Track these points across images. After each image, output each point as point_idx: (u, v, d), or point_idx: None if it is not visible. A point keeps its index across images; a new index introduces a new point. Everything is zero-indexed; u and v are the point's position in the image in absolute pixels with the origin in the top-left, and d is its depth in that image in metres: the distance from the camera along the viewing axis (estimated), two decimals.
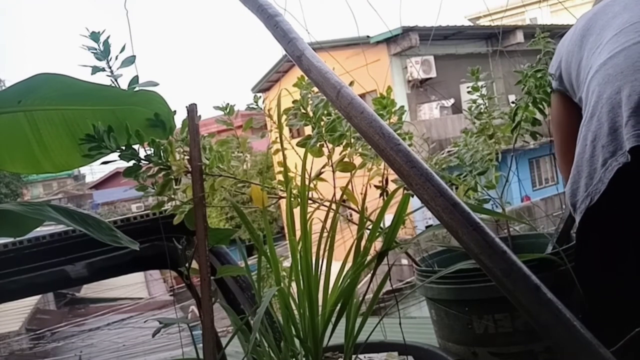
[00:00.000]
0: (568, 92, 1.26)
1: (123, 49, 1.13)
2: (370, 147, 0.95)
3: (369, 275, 1.12)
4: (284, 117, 1.32)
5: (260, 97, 1.49)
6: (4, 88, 1.10)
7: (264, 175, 1.22)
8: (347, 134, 1.28)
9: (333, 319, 1.06)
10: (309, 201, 1.19)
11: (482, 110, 1.43)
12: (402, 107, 1.34)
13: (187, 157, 1.14)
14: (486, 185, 1.33)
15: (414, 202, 0.96)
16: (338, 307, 1.06)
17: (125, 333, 10.35)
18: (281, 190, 1.31)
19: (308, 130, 1.35)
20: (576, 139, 1.24)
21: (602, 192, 0.95)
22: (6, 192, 20.68)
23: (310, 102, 1.31)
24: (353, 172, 1.28)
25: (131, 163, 1.14)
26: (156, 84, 1.13)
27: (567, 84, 1.24)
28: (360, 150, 1.30)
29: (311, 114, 1.31)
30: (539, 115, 1.32)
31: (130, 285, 14.07)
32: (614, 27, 1.10)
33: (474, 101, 1.44)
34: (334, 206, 1.19)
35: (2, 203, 1.03)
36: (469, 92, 1.46)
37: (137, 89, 1.12)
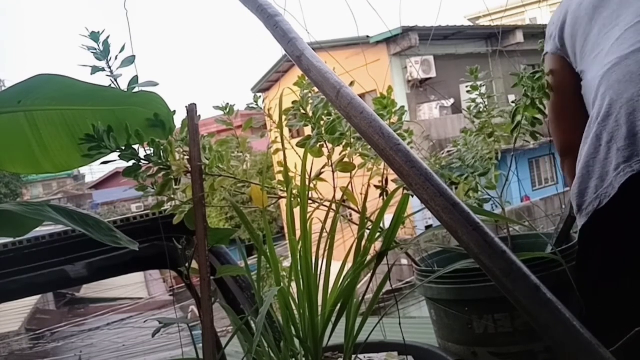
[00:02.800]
0: (568, 58, 1.18)
1: (123, 49, 1.13)
2: (370, 147, 0.95)
3: (369, 275, 1.12)
4: (285, 119, 1.32)
5: (260, 97, 1.49)
6: (4, 88, 1.10)
7: (264, 175, 1.22)
8: (347, 134, 1.28)
9: (333, 319, 1.06)
10: (309, 201, 1.19)
11: (481, 110, 1.44)
12: (402, 107, 1.34)
13: (187, 157, 1.14)
14: (486, 186, 1.33)
15: (414, 202, 0.96)
16: (338, 307, 1.06)
17: (125, 333, 10.35)
18: (281, 190, 1.31)
19: (308, 130, 1.35)
20: (574, 105, 1.17)
21: (611, 197, 0.92)
22: (6, 192, 20.69)
23: (310, 102, 1.31)
24: (353, 172, 1.28)
25: (131, 163, 1.14)
26: (156, 84, 1.13)
27: (570, 49, 1.17)
28: (360, 150, 1.30)
29: (311, 114, 1.31)
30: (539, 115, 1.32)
31: (130, 285, 14.07)
32: (635, 9, 1.02)
33: (473, 100, 1.45)
34: (334, 206, 1.19)
35: (2, 203, 1.03)
36: (468, 91, 1.46)
37: (136, 89, 1.12)
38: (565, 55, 1.18)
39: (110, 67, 1.13)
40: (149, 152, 1.15)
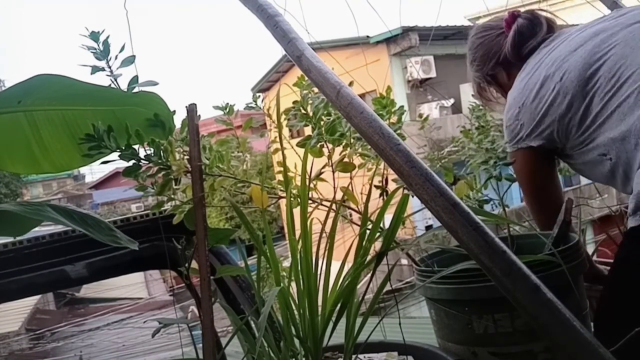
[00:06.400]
0: (553, 143, 1.24)
1: (123, 48, 1.13)
2: (370, 147, 0.96)
3: (369, 275, 1.12)
4: (284, 117, 1.32)
5: (259, 96, 1.49)
6: (4, 88, 1.10)
7: (262, 174, 1.22)
8: (347, 134, 1.28)
9: (333, 319, 1.06)
10: (309, 201, 1.19)
11: (483, 113, 1.45)
12: (402, 107, 1.34)
13: (186, 157, 1.14)
14: (507, 178, 1.35)
15: (415, 202, 0.96)
16: (338, 307, 1.06)
17: (125, 333, 10.35)
18: (281, 190, 1.31)
19: (308, 130, 1.35)
20: (555, 192, 1.33)
21: None
22: (6, 192, 20.68)
23: (310, 102, 1.31)
24: (353, 172, 1.29)
25: (131, 163, 1.14)
26: (156, 84, 1.13)
27: (559, 131, 1.21)
28: (360, 150, 1.30)
29: (311, 114, 1.31)
30: None
31: (130, 285, 14.06)
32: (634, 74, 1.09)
33: (477, 104, 1.46)
34: (334, 206, 1.19)
35: (2, 203, 1.03)
36: (473, 95, 1.47)
37: (136, 89, 1.12)
38: (547, 143, 1.24)
39: (110, 67, 1.13)
40: (149, 152, 1.15)
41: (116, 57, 1.13)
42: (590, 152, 1.19)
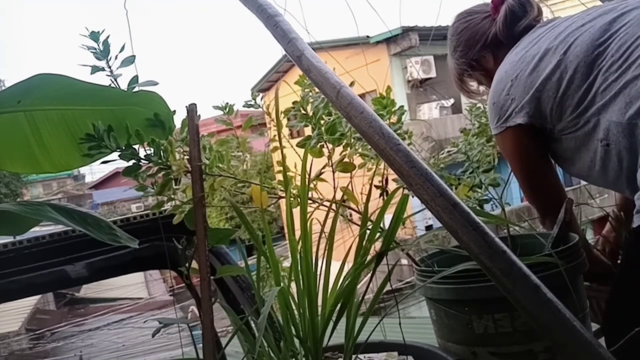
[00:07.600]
0: (543, 123, 1.17)
1: (122, 48, 1.13)
2: (370, 147, 0.96)
3: (369, 275, 1.12)
4: (283, 116, 1.32)
5: (258, 94, 1.49)
6: (3, 88, 1.10)
7: (261, 174, 1.22)
8: (347, 134, 1.28)
9: (333, 319, 1.06)
10: (309, 201, 1.19)
11: (481, 113, 1.45)
12: (402, 107, 1.34)
13: (187, 157, 1.14)
14: (490, 183, 1.34)
15: (415, 202, 0.96)
16: (338, 307, 1.06)
17: (125, 333, 10.35)
18: (281, 190, 1.31)
19: (308, 130, 1.35)
20: (546, 169, 1.26)
21: None
22: (6, 192, 20.68)
23: (311, 101, 1.31)
24: (353, 172, 1.29)
25: (131, 163, 1.14)
26: (156, 84, 1.14)
27: (552, 110, 1.14)
28: (360, 150, 1.30)
29: (311, 114, 1.32)
30: None
31: (130, 285, 14.07)
32: None
33: (475, 104, 1.46)
34: (334, 206, 1.19)
35: (2, 203, 1.03)
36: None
37: (136, 88, 1.12)
38: (537, 121, 1.17)
39: (110, 67, 1.13)
40: (149, 152, 1.15)
41: (116, 57, 1.13)
42: (584, 136, 1.11)
